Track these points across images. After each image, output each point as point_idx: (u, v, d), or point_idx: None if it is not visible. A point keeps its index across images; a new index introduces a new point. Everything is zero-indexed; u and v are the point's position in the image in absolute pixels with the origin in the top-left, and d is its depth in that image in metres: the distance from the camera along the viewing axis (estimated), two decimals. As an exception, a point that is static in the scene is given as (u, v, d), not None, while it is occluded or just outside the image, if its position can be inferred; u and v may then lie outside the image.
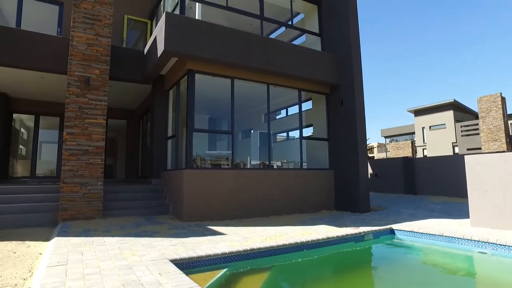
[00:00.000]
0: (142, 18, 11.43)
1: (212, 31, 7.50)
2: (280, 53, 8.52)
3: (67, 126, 6.89)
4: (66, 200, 6.75)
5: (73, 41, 7.18)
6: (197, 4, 8.25)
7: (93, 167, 7.03)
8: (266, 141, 9.06)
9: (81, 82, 7.08)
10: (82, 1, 7.36)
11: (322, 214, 8.56)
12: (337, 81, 9.47)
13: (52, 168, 12.28)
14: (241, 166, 9.28)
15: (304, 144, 9.70)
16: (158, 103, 8.98)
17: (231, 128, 8.07)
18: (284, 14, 11.11)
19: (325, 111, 9.91)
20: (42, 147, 12.74)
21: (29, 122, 12.31)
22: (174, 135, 8.43)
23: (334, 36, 9.85)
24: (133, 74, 8.61)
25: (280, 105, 11.70)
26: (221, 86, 8.35)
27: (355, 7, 9.56)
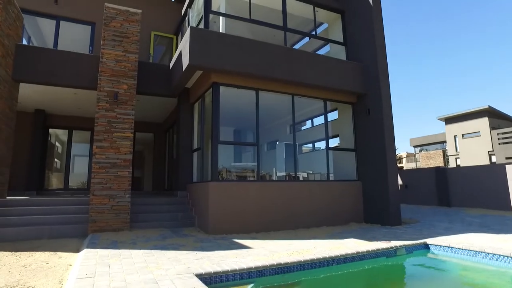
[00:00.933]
0: (168, 33, 11.77)
1: (236, 43, 7.56)
2: (304, 64, 8.45)
3: (96, 140, 7.11)
4: (95, 212, 6.90)
5: (103, 57, 7.47)
6: (221, 17, 8.36)
7: (121, 179, 7.18)
8: (291, 153, 8.93)
9: (110, 97, 7.32)
10: (112, 20, 7.67)
11: (351, 227, 8.26)
12: (363, 90, 9.25)
13: (84, 180, 12.71)
14: (266, 178, 9.19)
15: (330, 155, 9.48)
16: (183, 116, 9.11)
17: (256, 140, 8.02)
18: (308, 24, 11.07)
19: (352, 121, 9.67)
20: (75, 160, 13.25)
21: (63, 136, 12.87)
22: (199, 147, 8.49)
23: (359, 44, 9.67)
24: (159, 88, 8.80)
25: (305, 115, 11.57)
26: (245, 97, 8.36)
27: (380, 14, 9.36)
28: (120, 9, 7.83)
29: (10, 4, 7.34)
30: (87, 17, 10.72)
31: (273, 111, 10.59)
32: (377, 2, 9.38)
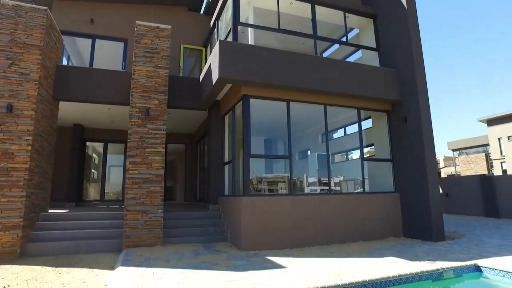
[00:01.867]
0: (197, 46, 11.90)
1: (266, 55, 7.44)
2: (336, 73, 8.16)
3: (129, 155, 7.22)
4: (129, 228, 6.98)
5: (135, 74, 7.61)
6: (250, 28, 8.29)
7: (153, 195, 7.23)
8: (324, 164, 8.64)
9: (141, 112, 7.43)
10: (142, 37, 7.82)
11: (389, 242, 7.81)
12: (399, 98, 8.79)
13: (119, 190, 13.05)
14: (298, 184, 8.94)
15: (365, 165, 9.07)
16: (214, 129, 9.09)
17: (288, 152, 7.83)
18: (338, 30, 10.76)
19: (387, 129, 9.21)
20: (110, 170, 13.70)
21: (99, 148, 13.34)
22: (230, 160, 8.40)
23: (393, 49, 9.23)
24: (189, 101, 8.84)
25: (338, 124, 11.21)
26: (276, 107, 8.18)
27: (415, 17, 8.88)
28: (150, 25, 7.97)
29: (51, 28, 7.68)
30: (120, 34, 11.08)
31: (304, 120, 10.35)
32: (412, 5, 8.93)
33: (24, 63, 6.95)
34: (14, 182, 6.56)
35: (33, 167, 6.93)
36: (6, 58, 6.87)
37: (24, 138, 6.74)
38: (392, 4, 9.36)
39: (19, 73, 6.90)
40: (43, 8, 7.29)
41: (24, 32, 7.05)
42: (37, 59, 7.04)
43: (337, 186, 9.59)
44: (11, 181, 6.55)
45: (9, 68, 6.85)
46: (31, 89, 6.90)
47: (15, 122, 6.74)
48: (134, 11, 11.47)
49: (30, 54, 7.01)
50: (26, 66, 6.95)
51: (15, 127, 6.73)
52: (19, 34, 7.03)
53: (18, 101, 6.80)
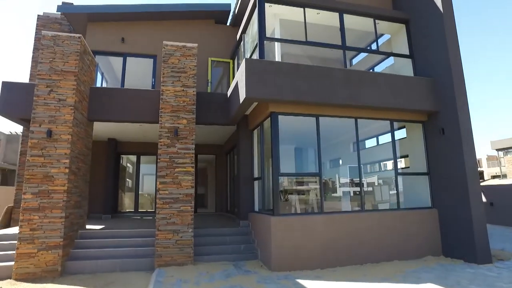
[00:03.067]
0: (224, 58, 11.96)
1: (293, 71, 7.30)
2: (367, 85, 7.85)
3: (159, 175, 7.35)
4: (161, 247, 7.11)
5: (163, 94, 7.75)
6: (276, 42, 8.18)
7: (184, 214, 7.31)
8: (356, 175, 8.35)
9: (170, 132, 7.54)
10: (170, 57, 7.95)
11: (427, 262, 7.40)
12: (435, 108, 8.32)
13: (151, 194, 13.40)
14: (329, 184, 8.63)
15: (399, 179, 8.68)
16: (243, 143, 9.06)
17: (318, 168, 7.65)
18: (367, 37, 10.39)
19: (423, 141, 8.75)
20: (144, 178, 14.15)
21: (133, 157, 13.80)
22: (260, 177, 8.34)
23: (428, 56, 8.75)
24: (218, 117, 8.88)
25: (369, 133, 10.80)
26: (305, 118, 8.03)
27: (452, 21, 8.36)
28: (177, 45, 8.08)
29: (85, 53, 8.00)
30: (149, 51, 11.37)
31: (335, 129, 10.08)
32: (448, 7, 8.41)
33: (61, 89, 7.28)
34: (54, 204, 6.89)
35: (71, 188, 7.24)
36: (46, 86, 7.23)
37: (62, 161, 7.06)
38: (426, 7, 8.87)
39: (57, 99, 7.23)
40: (77, 36, 7.59)
41: (61, 60, 7.39)
42: (72, 84, 7.35)
43: (369, 194, 9.26)
44: (51, 202, 6.88)
45: (49, 95, 7.20)
46: (67, 114, 7.22)
47: (54, 146, 7.08)
48: (162, 28, 11.73)
49: (66, 80, 7.33)
50: (63, 92, 7.28)
51: (54, 151, 7.06)
52: (57, 62, 7.37)
53: (57, 126, 7.13)
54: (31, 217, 6.77)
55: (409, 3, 9.54)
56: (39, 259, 6.64)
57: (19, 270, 6.51)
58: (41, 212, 6.82)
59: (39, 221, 6.78)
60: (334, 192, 11.74)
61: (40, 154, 6.99)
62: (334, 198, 10.83)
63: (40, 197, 6.85)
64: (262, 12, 7.97)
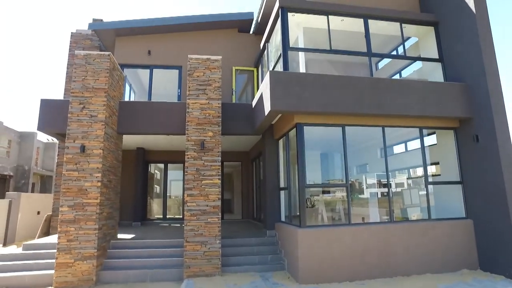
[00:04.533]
0: (248, 66, 12.03)
1: (318, 82, 7.23)
2: (395, 93, 7.64)
3: (187, 188, 7.50)
4: (189, 258, 7.25)
5: (189, 108, 7.90)
6: (300, 52, 8.14)
7: (211, 226, 7.42)
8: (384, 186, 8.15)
9: (197, 145, 7.68)
10: (194, 71, 8.10)
11: (463, 277, 7.09)
12: (468, 114, 7.96)
13: (178, 199, 13.68)
14: (356, 186, 8.46)
15: (430, 187, 8.37)
16: (268, 152, 9.07)
17: (345, 177, 7.53)
18: (394, 40, 10.12)
19: (455, 148, 8.39)
20: (172, 184, 14.51)
21: (161, 164, 14.17)
22: (286, 187, 8.31)
23: (459, 59, 8.39)
24: (243, 128, 8.93)
25: (398, 139, 10.50)
26: (331, 127, 7.93)
27: (487, 22, 7.96)
28: (202, 58, 8.21)
29: (114, 70, 8.31)
30: (175, 62, 11.63)
31: (361, 136, 9.88)
32: (482, 8, 8.02)
33: (93, 105, 7.60)
34: (88, 216, 7.20)
35: (103, 200, 7.53)
36: (79, 103, 7.58)
37: (95, 175, 7.36)
38: (457, 8, 8.51)
39: (89, 116, 7.56)
40: (107, 54, 7.90)
41: (92, 78, 7.72)
42: (103, 101, 7.65)
43: (397, 196, 9.01)
44: (86, 215, 7.20)
45: (81, 112, 7.54)
46: (98, 129, 7.52)
47: (87, 161, 7.40)
48: (186, 39, 11.96)
49: (97, 97, 7.64)
50: (94, 108, 7.59)
51: (87, 166, 7.38)
52: (89, 80, 7.70)
53: (89, 141, 7.45)
54: (68, 228, 7.11)
55: (438, 4, 9.19)
56: (75, 269, 6.97)
57: (58, 279, 6.87)
58: (77, 224, 7.15)
59: (75, 232, 7.11)
60: (361, 194, 11.53)
61: (75, 169, 7.33)
62: (362, 200, 10.62)
63: (75, 210, 7.19)
64: (285, 22, 7.95)
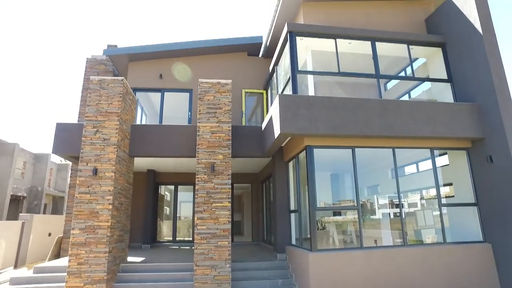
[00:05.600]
0: (257, 89, 12.22)
1: (327, 105, 7.29)
2: (404, 114, 7.63)
3: (197, 211, 7.50)
4: (199, 283, 7.15)
5: (199, 130, 8.01)
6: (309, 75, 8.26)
7: (221, 249, 7.35)
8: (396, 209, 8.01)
9: (207, 168, 7.73)
10: (205, 94, 8.26)
11: (483, 304, 6.80)
12: (480, 134, 7.87)
13: (188, 220, 13.62)
14: (367, 206, 8.28)
15: (444, 209, 8.20)
16: (278, 175, 9.05)
17: (356, 200, 7.45)
18: (402, 62, 10.18)
19: (468, 168, 8.26)
20: (181, 206, 14.50)
21: (171, 185, 14.22)
22: (296, 209, 8.24)
23: (469, 79, 8.38)
24: (253, 150, 8.96)
25: (409, 159, 10.38)
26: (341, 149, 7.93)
27: (495, 43, 8.00)
28: (212, 82, 8.39)
29: (127, 94, 8.54)
30: (185, 85, 11.88)
31: (372, 157, 9.81)
32: (489, 30, 8.08)
33: (106, 129, 7.78)
34: (99, 239, 7.22)
35: (114, 223, 7.57)
36: (93, 126, 7.77)
37: (106, 197, 7.44)
38: (464, 29, 8.58)
39: (102, 139, 7.72)
40: (120, 79, 8.15)
41: (106, 102, 7.94)
42: (116, 124, 7.83)
43: (410, 217, 8.79)
44: (96, 238, 7.23)
45: (95, 135, 7.71)
46: (111, 152, 7.66)
47: (99, 183, 7.49)
48: (197, 62, 12.25)
49: (110, 120, 7.83)
50: (107, 132, 7.76)
51: (99, 188, 7.47)
52: (102, 104, 7.92)
53: (101, 164, 7.58)
54: (79, 251, 7.13)
55: (445, 26, 9.29)
56: (85, 293, 6.93)
57: (68, 304, 6.82)
58: (87, 247, 7.17)
59: (85, 255, 7.12)
60: (373, 214, 11.30)
61: (87, 192, 7.42)
62: (373, 221, 10.41)
63: (86, 232, 7.23)
64: (294, 46, 8.12)
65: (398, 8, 10.19)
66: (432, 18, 9.87)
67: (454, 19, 8.94)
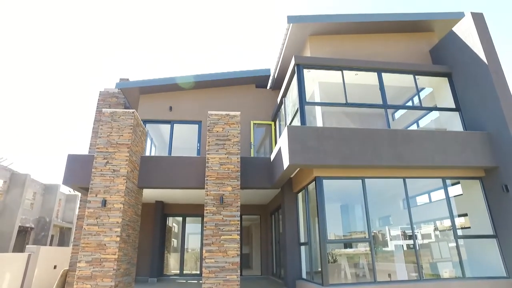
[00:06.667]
0: (265, 120, 12.34)
1: (335, 135, 7.30)
2: (413, 144, 7.59)
3: (205, 244, 7.36)
4: (207, 320, 6.88)
5: (208, 162, 8.04)
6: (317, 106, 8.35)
7: (229, 284, 7.13)
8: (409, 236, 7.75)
9: (216, 200, 7.67)
10: (214, 126, 8.37)
11: None
12: (493, 163, 7.74)
13: (195, 253, 13.29)
14: (379, 238, 7.93)
15: (460, 241, 7.90)
16: (287, 206, 8.92)
17: (367, 232, 7.25)
18: (409, 91, 10.26)
19: (483, 198, 8.04)
20: (189, 238, 14.24)
21: (179, 217, 14.05)
22: (306, 242, 8.03)
23: (477, 108, 8.37)
24: (262, 182, 8.91)
25: (420, 189, 10.17)
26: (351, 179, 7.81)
27: (501, 72, 8.06)
28: (221, 114, 8.52)
29: (138, 126, 8.71)
30: (195, 117, 12.07)
31: (382, 187, 9.65)
32: (493, 60, 8.17)
33: (116, 160, 7.86)
34: (105, 272, 7.08)
35: (121, 256, 7.44)
36: (103, 158, 7.86)
37: (114, 229, 7.37)
38: (469, 59, 8.70)
39: (112, 170, 7.78)
40: (131, 111, 8.34)
41: (117, 134, 8.08)
42: (126, 156, 7.91)
43: (424, 249, 8.46)
44: (103, 271, 7.09)
45: (105, 167, 7.79)
46: (120, 184, 7.68)
47: (108, 215, 7.46)
48: (206, 94, 12.53)
49: (120, 152, 7.93)
50: (117, 163, 7.84)
51: (107, 220, 7.43)
52: (113, 136, 8.06)
53: (110, 196, 7.58)
54: (84, 285, 6.97)
55: (450, 56, 9.42)
56: (89, 331, 6.70)
57: None
58: (93, 281, 7.01)
59: (91, 290, 6.95)
60: (385, 246, 10.90)
61: (95, 223, 7.38)
62: (386, 253, 10.02)
63: (93, 265, 7.10)
64: (301, 78, 8.28)
65: (402, 40, 10.44)
66: (436, 49, 10.05)
67: (458, 49, 9.09)
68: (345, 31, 10.02)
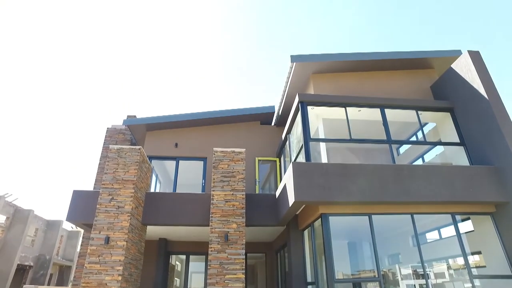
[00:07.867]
0: (270, 157, 12.40)
1: (340, 171, 7.29)
2: (419, 179, 7.53)
3: (209, 283, 7.14)
4: None
5: (213, 199, 8.00)
6: (321, 143, 8.41)
7: (234, 327, 6.81)
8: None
9: (221, 237, 7.54)
10: (219, 163, 8.42)
11: None
12: (503, 198, 7.60)
13: None
14: (390, 277, 7.67)
15: (476, 281, 7.56)
16: (293, 244, 8.70)
17: (377, 271, 6.98)
18: (413, 126, 10.34)
19: (496, 234, 7.80)
20: (192, 277, 13.78)
21: (182, 255, 13.70)
22: (314, 281, 7.75)
23: (482, 143, 8.37)
24: (267, 219, 8.79)
25: (430, 225, 9.95)
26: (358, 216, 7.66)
27: (501, 106, 8.15)
28: (226, 151, 8.60)
29: (143, 162, 8.79)
30: (200, 154, 12.17)
31: (390, 223, 9.45)
32: (493, 93, 8.29)
33: (121, 197, 7.85)
34: (105, 315, 6.81)
35: (122, 297, 7.20)
36: (108, 194, 7.86)
37: (116, 268, 7.20)
38: (470, 95, 8.83)
39: (116, 207, 7.75)
40: (137, 147, 8.46)
41: (123, 170, 8.14)
42: (131, 192, 7.91)
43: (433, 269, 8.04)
44: (103, 314, 6.83)
45: (109, 203, 7.76)
46: (124, 220, 7.62)
47: (110, 252, 7.32)
48: (211, 131, 12.71)
49: (125, 188, 7.94)
50: (122, 199, 7.82)
51: (109, 258, 7.28)
52: (119, 172, 8.12)
53: (114, 233, 7.49)
54: (83, 330, 6.69)
55: (451, 92, 9.58)
56: None
57: None
58: (92, 325, 6.74)
59: (89, 334, 6.66)
60: (396, 286, 10.43)
61: (97, 261, 7.23)
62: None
63: (93, 308, 6.86)
64: (305, 115, 8.43)
65: (403, 76, 10.71)
66: (437, 85, 10.26)
67: (459, 85, 9.27)
68: (347, 69, 10.33)
